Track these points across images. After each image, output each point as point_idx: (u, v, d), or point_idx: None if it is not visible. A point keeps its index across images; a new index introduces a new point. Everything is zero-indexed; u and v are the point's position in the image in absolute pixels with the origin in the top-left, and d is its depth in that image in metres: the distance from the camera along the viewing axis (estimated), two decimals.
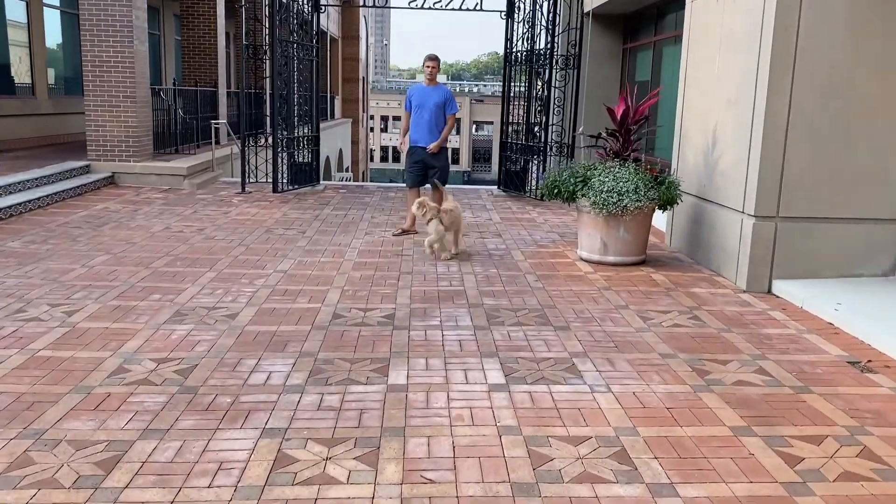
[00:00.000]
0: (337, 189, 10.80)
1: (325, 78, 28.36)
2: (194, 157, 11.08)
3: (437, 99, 7.70)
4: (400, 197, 10.24)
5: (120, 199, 9.18)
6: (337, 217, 8.50)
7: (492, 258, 6.61)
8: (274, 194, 9.76)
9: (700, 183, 6.53)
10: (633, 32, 13.19)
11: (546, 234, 7.81)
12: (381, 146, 65.18)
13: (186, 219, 8.09)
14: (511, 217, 8.82)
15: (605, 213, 6.06)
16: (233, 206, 9.00)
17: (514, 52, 10.13)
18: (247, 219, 8.19)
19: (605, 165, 6.25)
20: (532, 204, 9.78)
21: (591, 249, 6.37)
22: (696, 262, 6.52)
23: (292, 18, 9.64)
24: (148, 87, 10.43)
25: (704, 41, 6.61)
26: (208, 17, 13.53)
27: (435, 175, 7.85)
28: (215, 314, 4.78)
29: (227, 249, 6.66)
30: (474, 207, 9.49)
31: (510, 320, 4.77)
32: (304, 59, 10.06)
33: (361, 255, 6.61)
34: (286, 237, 7.27)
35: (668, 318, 4.89)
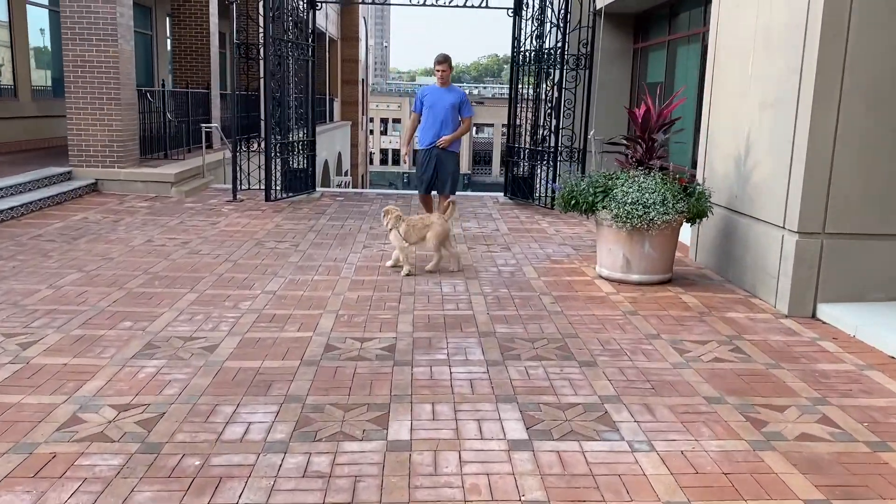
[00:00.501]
0: (334, 196, 10.22)
1: (323, 80, 27.81)
2: (183, 162, 10.51)
3: (451, 100, 7.22)
4: (399, 205, 9.65)
5: (101, 208, 8.59)
6: (333, 228, 7.91)
7: (502, 276, 6.02)
8: (267, 203, 9.18)
9: (731, 193, 5.95)
10: (644, 32, 12.62)
11: (559, 247, 7.23)
12: (380, 149, 64.65)
13: (171, 230, 7.50)
14: (520, 227, 8.23)
15: (629, 228, 5.48)
16: (222, 215, 8.42)
17: (522, 51, 9.56)
18: (236, 230, 7.61)
19: (629, 174, 5.67)
20: (541, 212, 9.20)
21: (611, 267, 5.78)
22: (726, 281, 5.94)
23: (286, 16, 9.07)
24: (134, 89, 9.86)
25: (734, 39, 6.03)
26: (200, 16, 12.97)
27: (446, 182, 7.34)
28: (192, 346, 4.20)
29: (212, 266, 6.07)
30: (479, 216, 8.91)
31: (527, 353, 4.19)
32: (299, 60, 9.49)
33: (359, 273, 6.03)
34: (277, 251, 6.69)
35: (707, 351, 4.30)
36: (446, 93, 7.30)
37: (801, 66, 4.93)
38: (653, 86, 12.33)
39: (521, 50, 9.55)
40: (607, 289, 5.62)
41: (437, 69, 7.24)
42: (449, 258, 6.16)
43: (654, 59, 12.24)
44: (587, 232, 7.95)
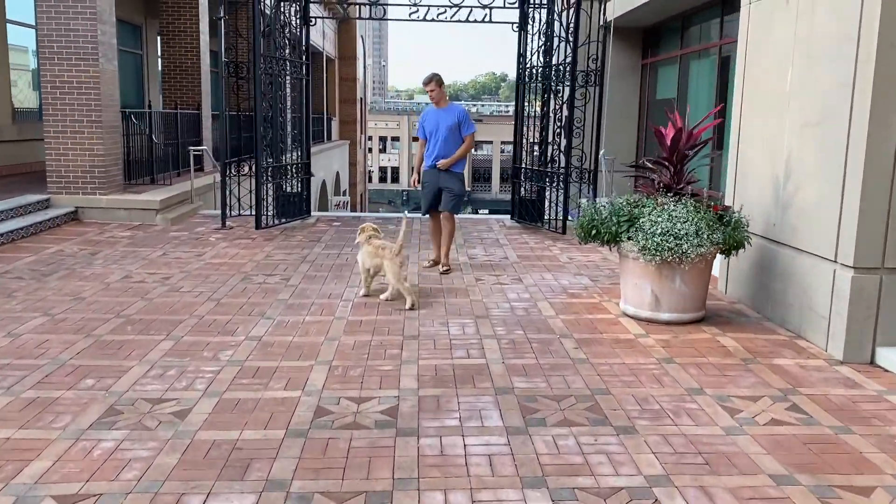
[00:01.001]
0: (330, 221, 9.63)
1: (320, 99, 27.38)
2: (170, 188, 9.93)
3: (449, 121, 6.77)
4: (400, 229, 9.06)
5: (80, 238, 8.00)
6: (329, 258, 7.32)
7: (515, 313, 5.42)
8: (257, 231, 8.58)
9: (767, 221, 5.37)
10: (654, 46, 12.13)
11: (574, 277, 6.63)
12: (379, 166, 64.32)
13: (152, 264, 6.90)
14: (530, 255, 7.64)
15: (658, 261, 4.89)
16: (209, 245, 7.83)
17: (528, 67, 9.03)
18: (223, 262, 7.01)
19: (656, 202, 5.09)
20: (551, 237, 8.61)
21: (638, 304, 5.18)
22: (765, 319, 5.34)
23: (278, 32, 8.55)
24: (117, 111, 9.31)
25: (769, 51, 5.48)
26: (190, 34, 12.46)
27: (448, 201, 6.82)
28: (160, 411, 3.59)
29: (193, 306, 5.47)
30: (486, 242, 8.32)
31: (553, 416, 3.58)
32: (293, 78, 8.95)
33: (356, 311, 5.43)
34: (266, 287, 6.09)
35: (760, 410, 3.69)
36: (444, 113, 6.85)
37: (853, 79, 4.37)
38: (663, 103, 11.81)
39: (527, 66, 9.02)
40: (635, 329, 5.01)
41: (426, 90, 6.84)
42: (401, 293, 5.61)
43: (664, 74, 11.74)
44: (603, 260, 7.37)
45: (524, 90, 9.15)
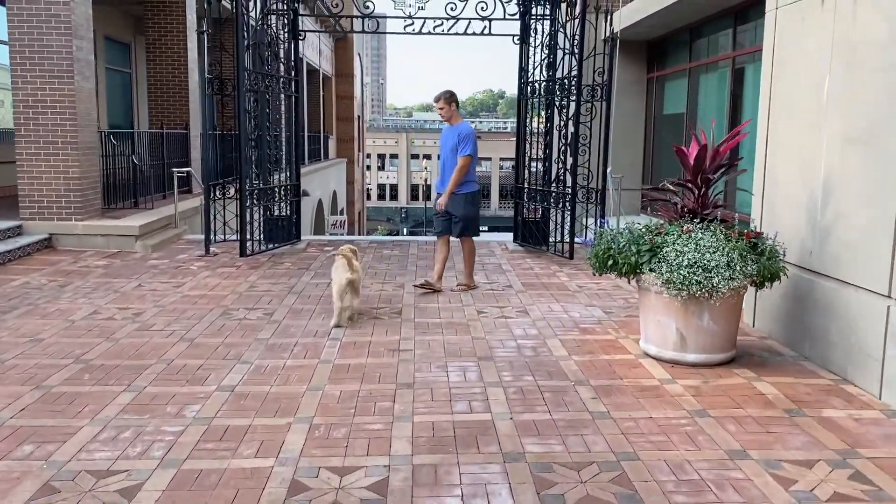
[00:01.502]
0: (321, 246, 9.07)
1: (317, 117, 26.96)
2: (151, 212, 9.38)
3: (451, 142, 6.45)
4: (396, 255, 8.52)
5: (51, 269, 7.43)
6: (318, 288, 6.75)
7: (522, 354, 4.84)
8: (242, 258, 8.01)
9: (802, 249, 4.81)
10: (659, 60, 11.65)
11: (586, 309, 6.06)
12: (377, 184, 63.95)
13: (125, 297, 6.33)
14: (535, 282, 7.08)
15: (685, 296, 4.32)
16: (189, 275, 7.26)
17: (530, 81, 8.52)
18: (202, 294, 6.44)
19: (680, 228, 4.53)
20: (557, 262, 8.04)
21: (661, 343, 4.61)
22: (802, 357, 4.76)
23: (264, 46, 8.04)
24: (95, 131, 8.78)
25: (800, 59, 4.95)
26: (177, 50, 11.97)
27: (458, 224, 6.55)
28: (104, 488, 3.01)
29: (163, 348, 4.89)
30: (488, 268, 7.75)
31: (574, 491, 2.99)
32: (282, 95, 8.44)
33: (344, 352, 4.85)
34: (246, 324, 5.52)
35: (819, 479, 3.11)
36: (449, 133, 6.53)
37: None
38: (671, 118, 11.31)
39: (529, 80, 8.51)
40: (659, 374, 4.43)
41: (436, 107, 6.59)
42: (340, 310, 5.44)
43: (671, 88, 11.25)
44: (615, 287, 6.80)
45: (526, 106, 8.63)
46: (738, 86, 8.85)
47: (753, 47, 8.49)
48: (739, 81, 8.83)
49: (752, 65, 8.65)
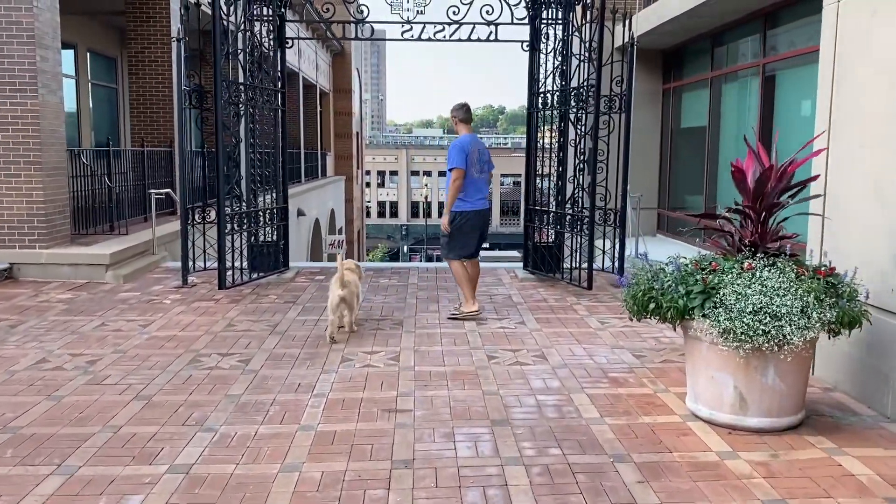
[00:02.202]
0: (312, 274, 8.25)
1: (314, 133, 26.25)
2: (125, 238, 8.58)
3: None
4: (394, 285, 7.70)
5: (5, 304, 6.61)
6: (304, 327, 5.93)
7: (544, 414, 4.01)
8: (222, 290, 7.19)
9: (882, 285, 3.99)
10: (676, 69, 10.89)
11: (613, 352, 5.23)
12: (377, 201, 63.26)
13: (82, 340, 5.51)
14: (551, 317, 6.25)
15: (749, 349, 3.50)
16: (161, 310, 6.44)
17: (541, 92, 7.74)
18: (171, 335, 5.62)
19: (738, 264, 3.72)
20: (573, 293, 7.22)
21: (714, 403, 3.78)
22: (883, 417, 3.93)
23: (247, 55, 7.27)
24: (63, 150, 8.01)
25: (870, 60, 4.16)
26: (161, 63, 11.24)
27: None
28: None
29: (112, 409, 4.07)
30: (496, 300, 6.93)
31: None
32: (267, 108, 7.66)
33: (330, 414, 4.03)
34: (217, 375, 4.69)
35: None
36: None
37: None
38: (690, 132, 10.54)
39: (540, 91, 7.73)
40: (716, 443, 3.60)
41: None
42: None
43: (690, 100, 10.48)
44: (643, 324, 5.97)
45: (536, 119, 7.85)
46: (768, 95, 8.08)
47: (787, 52, 7.74)
48: (770, 90, 8.06)
49: (786, 72, 7.89)
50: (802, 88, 7.59)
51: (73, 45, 13.33)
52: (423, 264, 9.17)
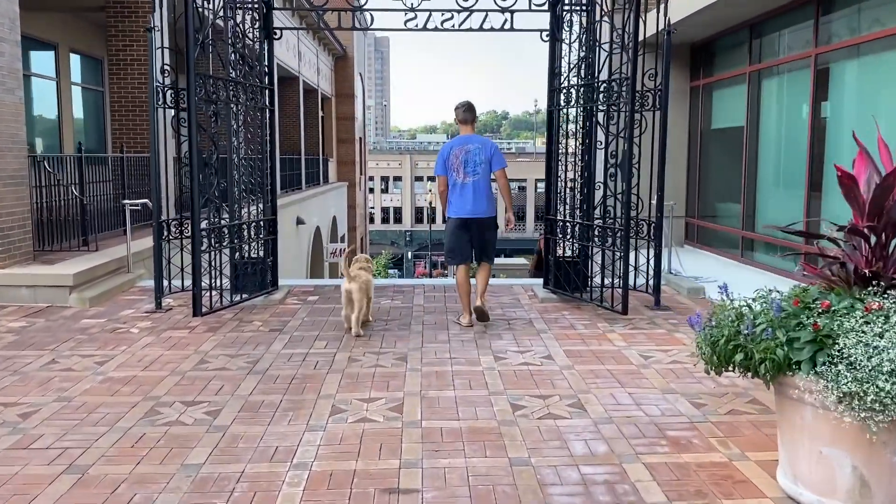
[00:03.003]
0: (304, 294, 7.32)
1: (316, 139, 25.37)
2: (96, 255, 7.66)
3: None
4: (397, 308, 6.76)
5: None
6: (290, 364, 4.99)
7: (593, 498, 3.06)
8: (200, 318, 6.25)
9: None
10: (706, 65, 9.94)
11: (665, 398, 4.28)
12: (381, 207, 62.38)
13: (23, 383, 4.59)
14: (583, 350, 5.30)
15: (880, 421, 2.55)
16: (125, 342, 5.51)
17: (564, 87, 6.81)
18: (131, 377, 4.69)
19: (860, 300, 2.76)
20: (604, 317, 6.27)
21: (824, 488, 2.83)
22: None
23: (228, 46, 6.36)
24: (24, 157, 7.10)
25: None
26: (144, 63, 10.35)
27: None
28: None
29: (31, 489, 3.13)
30: (515, 327, 5.99)
31: None
32: (251, 106, 6.74)
33: (313, 492, 3.08)
34: (176, 434, 3.75)
35: None
36: None
37: None
38: (724, 133, 9.59)
39: (562, 86, 6.80)
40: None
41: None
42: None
43: (723, 97, 9.53)
44: (691, 356, 5.02)
45: (558, 118, 6.91)
46: (821, 89, 7.13)
47: (847, 41, 6.78)
48: (823, 84, 7.11)
49: (844, 63, 6.93)
50: (869, 79, 6.66)
51: (53, 45, 12.49)
52: (430, 281, 8.24)
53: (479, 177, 5.94)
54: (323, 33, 24.48)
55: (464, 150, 5.94)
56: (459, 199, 5.96)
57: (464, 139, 6.03)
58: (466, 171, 5.92)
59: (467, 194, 5.94)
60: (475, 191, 5.94)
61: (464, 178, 5.93)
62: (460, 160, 5.93)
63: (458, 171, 5.94)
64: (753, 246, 8.60)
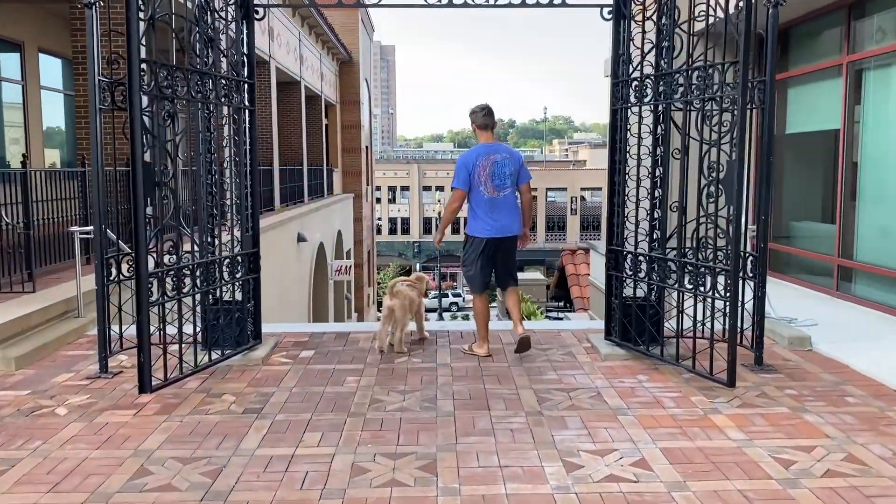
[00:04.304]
0: (296, 347, 5.71)
1: (319, 148, 23.88)
2: (31, 298, 6.10)
3: None
4: (416, 367, 5.17)
5: None
6: (265, 483, 3.39)
7: None
8: (150, 394, 4.65)
9: None
10: (782, 56, 8.33)
11: None
12: (388, 217, 60.94)
13: None
14: (688, 448, 3.69)
15: None
16: (42, 434, 3.92)
17: (632, 79, 5.22)
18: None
19: None
20: (698, 386, 4.65)
21: None
22: None
23: (195, 31, 4.79)
24: None
25: None
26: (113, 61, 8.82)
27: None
28: None
29: None
30: (578, 402, 4.38)
31: None
32: (222, 105, 5.17)
33: None
34: None
35: None
36: None
37: None
38: (806, 138, 7.98)
39: (632, 76, 5.21)
40: None
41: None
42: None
43: (807, 95, 7.93)
44: (861, 469, 3.41)
45: (624, 118, 5.32)
46: None
47: None
48: None
49: None
50: None
51: (18, 44, 11.00)
52: (455, 325, 6.62)
53: (509, 190, 5.32)
54: (327, 36, 23.05)
55: (490, 161, 5.26)
56: (488, 215, 5.26)
57: (488, 147, 5.33)
58: (495, 184, 5.26)
59: (499, 210, 5.28)
60: (506, 206, 5.31)
61: (492, 193, 5.26)
62: (487, 172, 5.24)
63: (486, 184, 5.24)
64: (853, 276, 6.98)
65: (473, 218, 5.32)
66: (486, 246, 5.31)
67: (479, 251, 5.32)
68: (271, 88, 16.60)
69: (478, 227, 5.30)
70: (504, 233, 5.31)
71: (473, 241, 5.35)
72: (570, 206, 56.97)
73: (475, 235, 5.33)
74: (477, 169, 5.22)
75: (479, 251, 5.32)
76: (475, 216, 5.30)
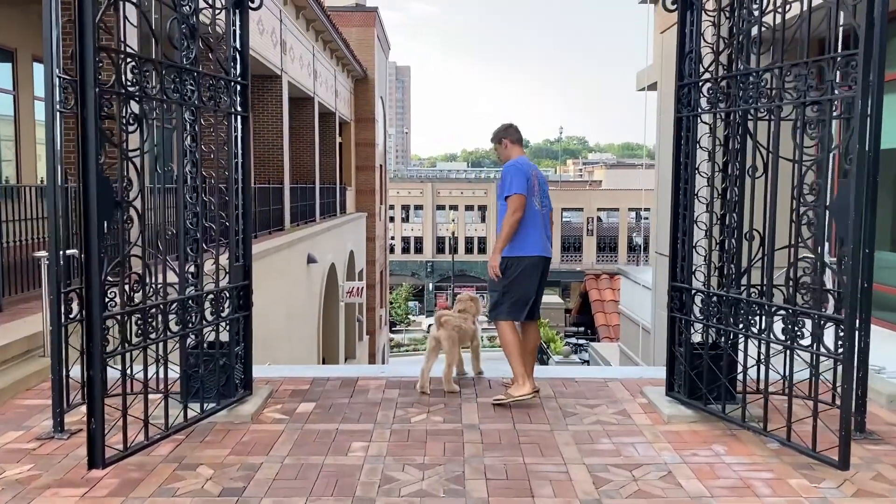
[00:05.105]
0: (293, 400, 4.80)
1: (333, 166, 23.15)
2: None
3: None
4: (437, 430, 4.24)
5: None
6: None
7: None
8: (104, 468, 3.76)
9: None
10: None
11: None
12: (402, 237, 60.14)
13: None
14: None
15: None
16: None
17: (701, 81, 4.31)
18: None
19: None
20: (793, 463, 3.70)
21: None
22: None
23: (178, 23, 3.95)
24: None
25: None
26: None
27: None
28: None
29: None
30: (644, 479, 3.45)
31: None
32: (208, 109, 4.32)
33: None
34: None
35: None
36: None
37: None
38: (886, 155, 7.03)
39: (702, 78, 4.31)
40: None
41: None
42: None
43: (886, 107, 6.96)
44: None
45: (694, 127, 4.41)
46: None
47: None
48: None
49: None
50: None
51: (10, 52, 10.31)
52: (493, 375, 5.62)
53: (547, 208, 4.97)
54: (342, 52, 22.39)
55: (538, 177, 4.93)
56: (538, 232, 4.83)
57: (530, 162, 4.98)
58: (543, 200, 4.91)
59: (546, 227, 4.93)
60: (546, 224, 4.95)
61: (540, 207, 4.89)
62: (537, 185, 4.88)
63: (536, 197, 4.85)
64: None
65: (525, 233, 4.76)
66: (537, 264, 4.81)
67: (531, 270, 4.77)
68: (283, 103, 15.90)
69: (529, 245, 4.77)
70: (549, 252, 4.92)
71: (520, 260, 4.76)
72: (587, 226, 55.95)
73: (529, 254, 4.76)
74: (531, 179, 4.81)
75: (531, 270, 4.77)
76: (527, 231, 4.76)
